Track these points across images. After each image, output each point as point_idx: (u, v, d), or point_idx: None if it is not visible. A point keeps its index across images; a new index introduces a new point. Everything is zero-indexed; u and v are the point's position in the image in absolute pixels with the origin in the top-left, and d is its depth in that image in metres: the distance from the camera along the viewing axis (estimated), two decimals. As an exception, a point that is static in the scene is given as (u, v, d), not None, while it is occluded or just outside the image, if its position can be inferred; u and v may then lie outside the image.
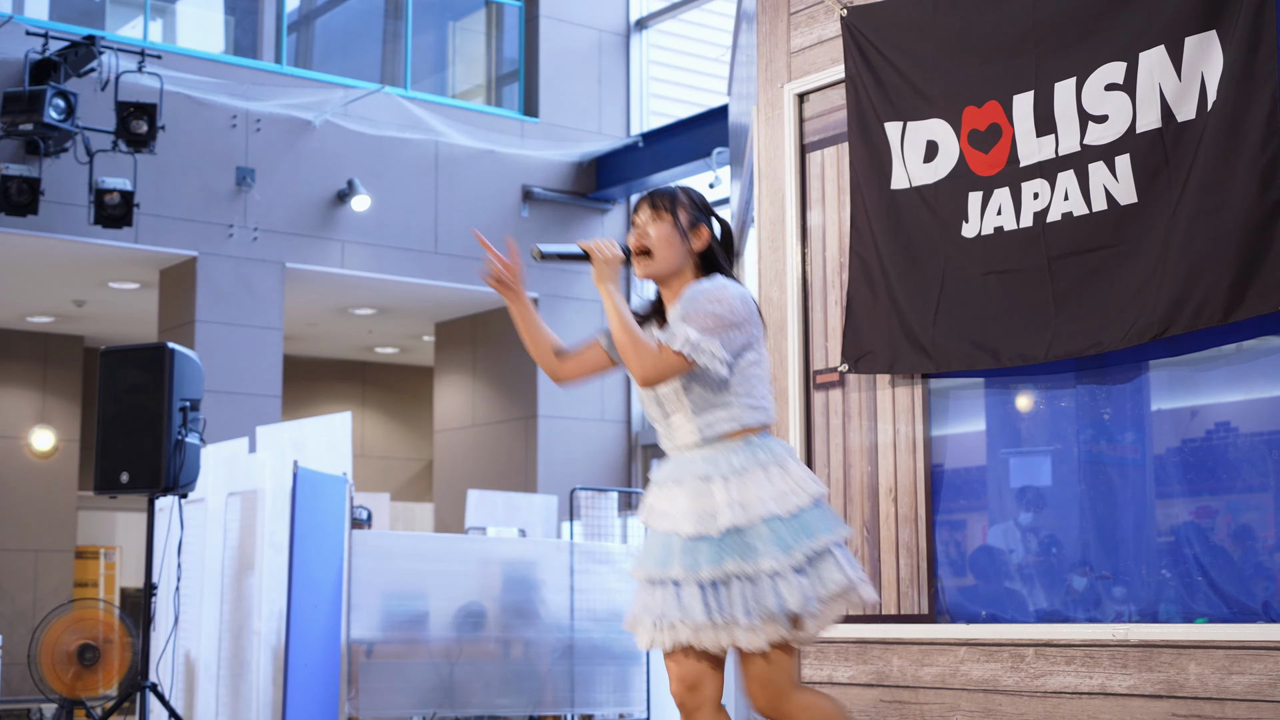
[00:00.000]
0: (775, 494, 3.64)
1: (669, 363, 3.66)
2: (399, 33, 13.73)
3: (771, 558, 3.57)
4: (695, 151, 13.02)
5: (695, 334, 3.65)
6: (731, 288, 3.75)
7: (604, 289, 3.78)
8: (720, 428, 3.72)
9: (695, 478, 3.70)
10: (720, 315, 3.68)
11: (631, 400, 14.15)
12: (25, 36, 11.02)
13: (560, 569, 9.33)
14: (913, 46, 4.62)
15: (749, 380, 3.75)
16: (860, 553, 4.71)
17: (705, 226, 3.88)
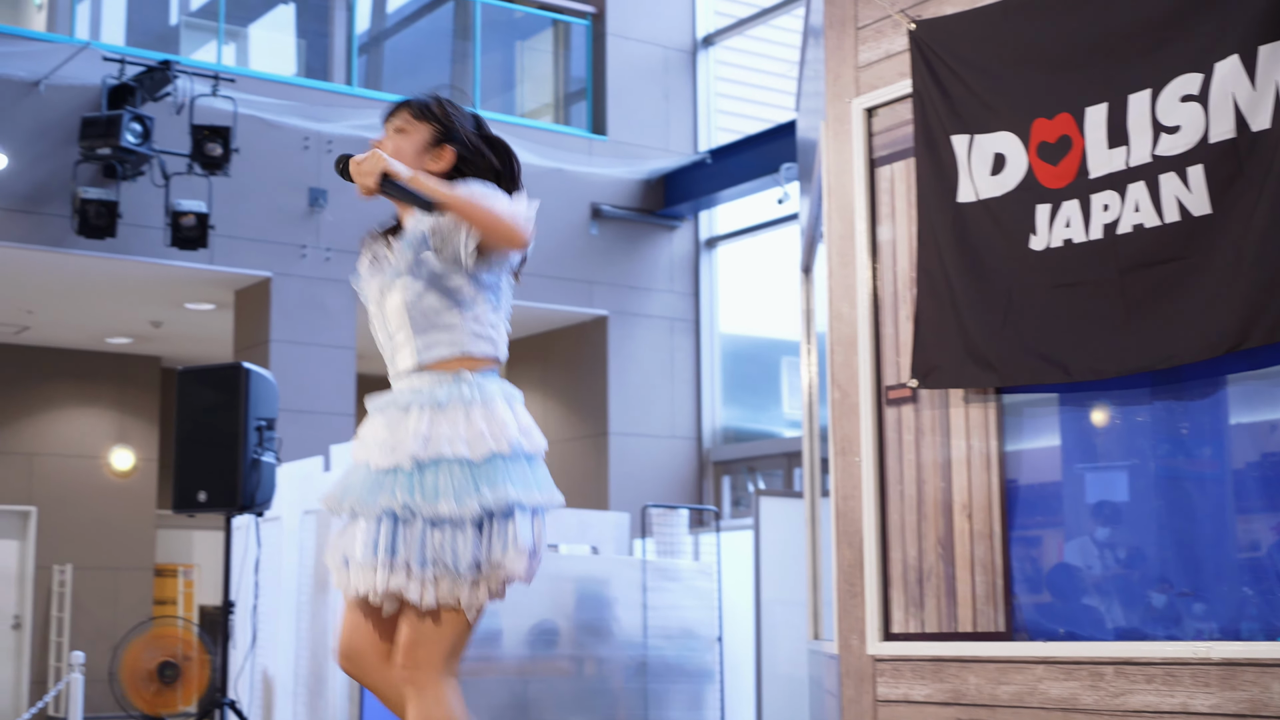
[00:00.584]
0: (470, 435, 3.35)
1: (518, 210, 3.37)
2: (467, 53, 13.81)
3: (449, 503, 3.28)
4: (763, 167, 13.01)
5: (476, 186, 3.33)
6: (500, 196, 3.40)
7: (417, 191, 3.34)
8: (438, 351, 3.43)
9: (396, 407, 3.42)
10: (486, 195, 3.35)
11: (702, 417, 14.13)
12: (102, 62, 11.18)
13: (632, 586, 9.33)
14: (981, 59, 4.60)
15: (481, 305, 3.48)
16: (936, 570, 4.68)
17: (451, 147, 3.51)
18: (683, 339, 14.10)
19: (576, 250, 13.53)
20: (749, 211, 14.09)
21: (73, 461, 15.51)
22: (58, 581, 15.24)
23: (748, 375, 14.69)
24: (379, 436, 3.42)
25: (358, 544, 3.34)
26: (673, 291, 14.11)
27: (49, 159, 11.25)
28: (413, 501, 3.29)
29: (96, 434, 15.71)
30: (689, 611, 9.37)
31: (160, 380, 16.06)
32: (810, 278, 6.86)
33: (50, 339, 15.14)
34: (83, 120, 10.96)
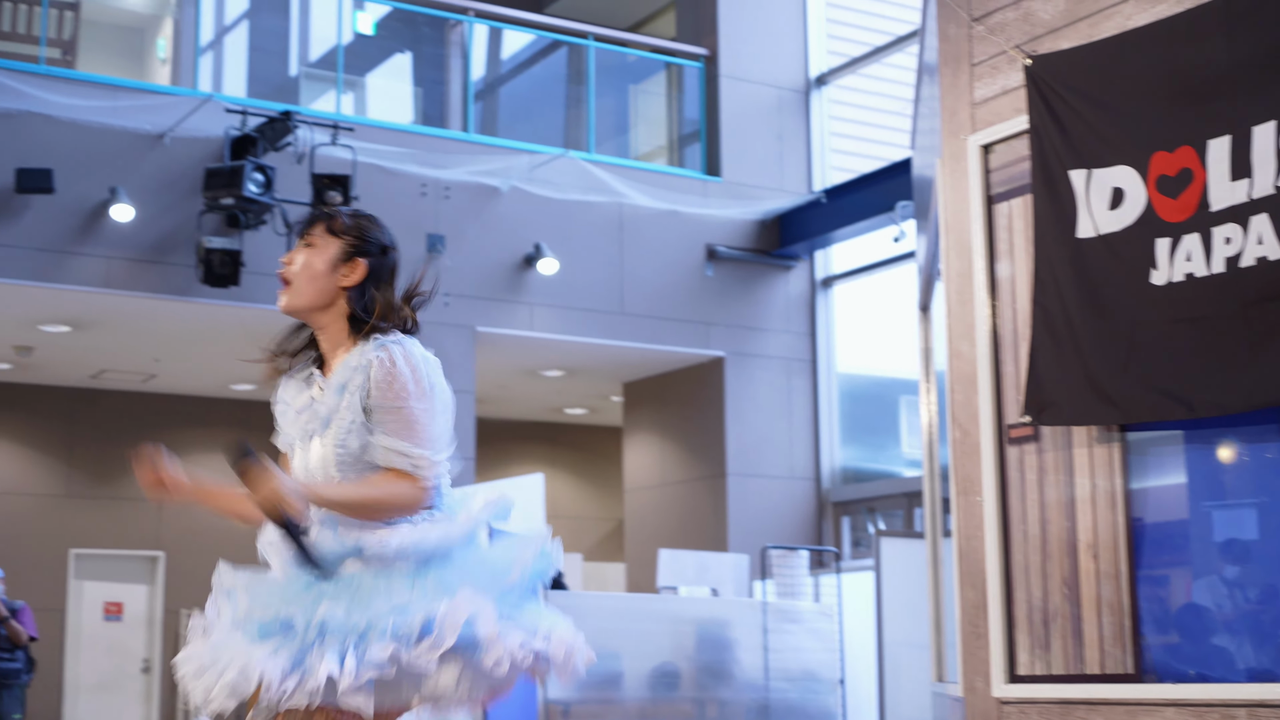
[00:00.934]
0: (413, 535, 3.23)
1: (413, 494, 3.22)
2: (581, 98, 13.92)
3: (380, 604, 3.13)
4: (878, 206, 12.95)
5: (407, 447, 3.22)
6: (415, 359, 3.27)
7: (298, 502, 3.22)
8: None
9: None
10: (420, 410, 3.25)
11: (821, 457, 14.06)
12: (225, 114, 11.41)
13: (753, 628, 9.28)
14: (1098, 93, 4.55)
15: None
16: (1061, 610, 4.61)
17: (364, 261, 3.41)
18: (800, 379, 14.05)
19: (692, 292, 13.55)
20: (865, 250, 14.03)
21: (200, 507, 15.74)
22: (185, 625, 15.45)
23: (866, 415, 14.60)
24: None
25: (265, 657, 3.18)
26: (789, 331, 14.08)
27: (174, 210, 11.49)
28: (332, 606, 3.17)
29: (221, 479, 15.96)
30: (810, 654, 9.31)
31: (283, 426, 16.28)
32: (928, 316, 6.81)
33: (176, 386, 15.43)
34: (206, 171, 11.19)
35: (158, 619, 15.47)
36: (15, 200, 10.95)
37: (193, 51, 12.33)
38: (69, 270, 11.17)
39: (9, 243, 10.94)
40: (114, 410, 15.48)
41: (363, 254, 3.42)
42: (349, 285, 3.39)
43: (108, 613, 15.39)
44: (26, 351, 13.54)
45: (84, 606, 15.28)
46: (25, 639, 10.87)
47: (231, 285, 11.22)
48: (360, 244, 3.42)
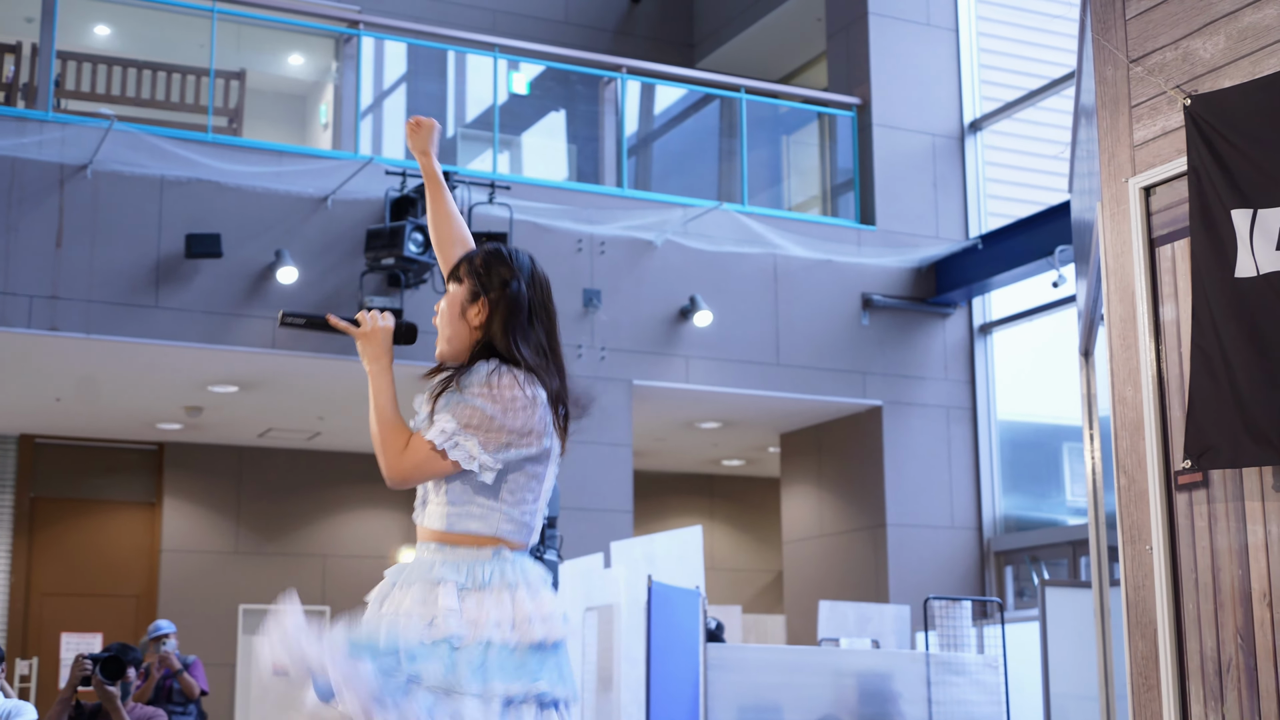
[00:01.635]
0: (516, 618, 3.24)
1: (416, 459, 3.26)
2: (734, 150, 13.99)
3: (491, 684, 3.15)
4: (1036, 250, 12.81)
5: (451, 425, 3.25)
6: (519, 386, 3.32)
7: (366, 367, 3.45)
8: (470, 525, 3.31)
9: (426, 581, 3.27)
10: (489, 414, 3.27)
11: (982, 506, 13.89)
12: (384, 176, 11.65)
13: (916, 681, 9.17)
14: (1263, 132, 4.47)
15: (520, 493, 3.35)
16: (1235, 661, 4.50)
17: (488, 300, 3.44)
18: (960, 427, 13.90)
19: (848, 341, 13.50)
20: (1023, 295, 13.87)
21: (363, 562, 16.01)
22: (351, 679, 15.67)
23: (1028, 462, 14.39)
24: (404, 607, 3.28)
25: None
26: (948, 379, 13.95)
27: (337, 271, 11.74)
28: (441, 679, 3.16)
29: (386, 534, 16.20)
30: (976, 706, 9.16)
31: (444, 481, 16.49)
32: (1090, 361, 6.72)
33: (339, 444, 15.72)
34: (368, 232, 11.43)
35: (324, 673, 15.69)
36: (185, 265, 11.27)
37: (353, 116, 12.62)
38: (236, 332, 11.46)
39: (180, 306, 11.26)
40: (280, 468, 15.81)
41: (485, 291, 3.45)
42: (478, 325, 3.45)
43: (276, 667, 15.65)
44: (196, 412, 13.90)
45: (253, 661, 15.58)
46: (197, 693, 11.11)
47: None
48: (483, 282, 3.46)
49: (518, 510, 3.35)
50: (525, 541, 3.38)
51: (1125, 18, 5.07)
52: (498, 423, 3.27)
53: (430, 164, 3.74)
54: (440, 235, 3.77)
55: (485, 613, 3.22)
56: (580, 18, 16.65)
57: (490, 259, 3.49)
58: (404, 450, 3.29)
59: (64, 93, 12.35)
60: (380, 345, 3.44)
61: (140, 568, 15.43)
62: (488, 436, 3.26)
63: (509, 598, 3.26)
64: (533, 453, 3.35)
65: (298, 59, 14.29)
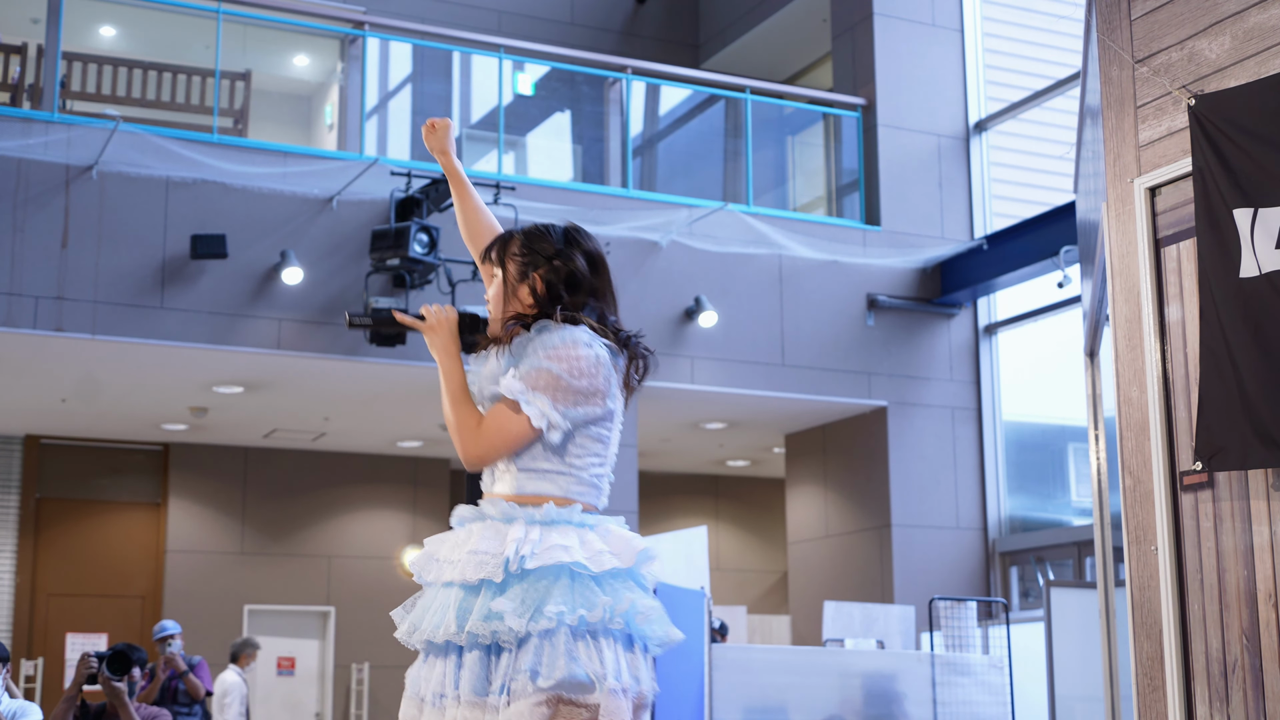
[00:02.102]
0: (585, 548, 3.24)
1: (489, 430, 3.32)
2: (739, 151, 13.99)
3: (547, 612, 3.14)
4: (1041, 251, 12.80)
5: (520, 386, 3.29)
6: (583, 346, 3.34)
7: (435, 356, 3.47)
8: (540, 486, 3.34)
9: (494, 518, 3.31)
10: (556, 374, 3.29)
11: (987, 507, 13.88)
12: (390, 177, 11.66)
13: (922, 681, 9.17)
14: (1267, 131, 4.47)
15: (586, 456, 3.36)
16: (1241, 662, 4.50)
17: (539, 275, 3.45)
18: (964, 428, 13.90)
19: (853, 342, 13.50)
20: (1029, 296, 13.86)
21: (368, 562, 16.02)
22: (355, 679, 15.71)
23: (1033, 463, 14.39)
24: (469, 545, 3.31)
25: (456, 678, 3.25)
26: (953, 380, 13.94)
27: (342, 272, 11.75)
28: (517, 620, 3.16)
29: (390, 535, 16.21)
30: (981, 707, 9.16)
31: (450, 481, 16.51)
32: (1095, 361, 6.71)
33: (345, 444, 15.73)
34: (373, 233, 11.43)
35: (329, 673, 15.72)
36: (190, 266, 11.29)
37: (358, 117, 12.63)
38: (241, 333, 11.47)
39: (185, 307, 11.27)
40: (285, 468, 15.83)
41: (535, 268, 3.47)
42: (532, 303, 3.46)
43: (280, 667, 15.69)
44: (201, 413, 13.92)
45: (258, 661, 15.59)
46: (202, 693, 11.12)
47: (398, 345, 11.43)
48: (530, 259, 3.47)
49: (586, 472, 3.37)
50: (596, 503, 3.39)
51: (1131, 18, 5.07)
52: (564, 382, 3.29)
53: (451, 163, 3.79)
54: (472, 231, 3.81)
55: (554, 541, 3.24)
56: (585, 18, 16.66)
57: (530, 236, 3.52)
58: (476, 428, 3.35)
59: (70, 94, 12.37)
60: (449, 336, 3.47)
61: (145, 568, 15.45)
62: (556, 395, 3.28)
63: (576, 535, 3.27)
64: (598, 413, 3.37)
65: (303, 60, 14.30)
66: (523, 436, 3.32)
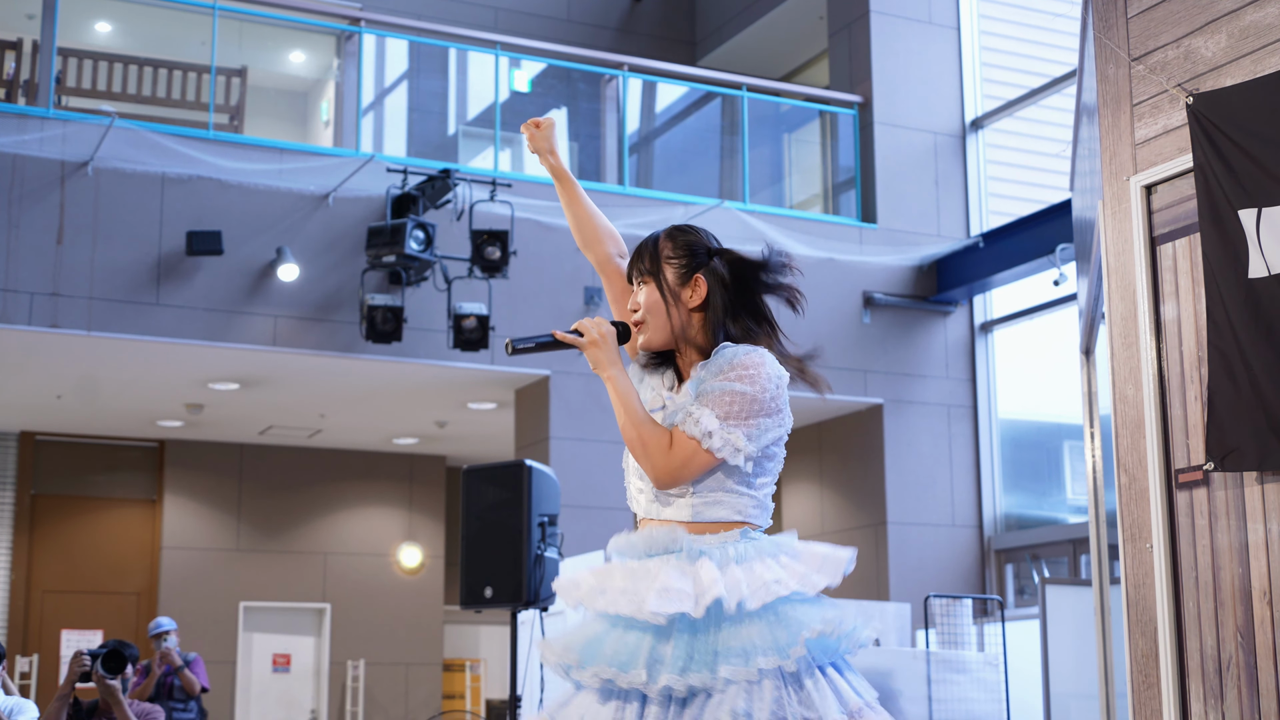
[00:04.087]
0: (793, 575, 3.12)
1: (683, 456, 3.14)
2: (735, 148, 13.98)
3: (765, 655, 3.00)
4: (1037, 249, 12.80)
5: (713, 422, 3.15)
6: (769, 363, 3.26)
7: (602, 375, 3.29)
8: (718, 513, 3.21)
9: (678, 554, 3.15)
10: (749, 396, 3.19)
11: (983, 504, 13.88)
12: (386, 173, 11.65)
13: (917, 679, 9.17)
14: (1266, 130, 4.47)
15: (764, 476, 3.25)
16: (1235, 659, 4.50)
17: (703, 276, 3.36)
18: (960, 425, 13.90)
19: (849, 339, 13.49)
20: (1025, 294, 13.87)
21: (364, 560, 16.02)
22: (351, 676, 15.71)
23: (1029, 461, 14.39)
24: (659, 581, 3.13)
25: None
26: (949, 378, 13.95)
27: (338, 268, 11.74)
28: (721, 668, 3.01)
29: (386, 532, 16.20)
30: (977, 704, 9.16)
31: (445, 479, 16.51)
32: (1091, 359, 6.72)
33: (341, 441, 15.72)
34: (369, 230, 11.42)
35: (324, 670, 15.72)
36: (186, 263, 11.27)
37: (354, 113, 12.62)
38: (237, 329, 11.46)
39: (180, 304, 11.26)
40: (281, 465, 15.82)
41: (697, 269, 3.37)
42: (697, 305, 3.36)
43: (276, 664, 15.69)
44: (197, 409, 13.91)
45: (253, 658, 15.60)
46: (198, 690, 11.11)
47: (394, 341, 11.43)
48: (690, 260, 3.38)
49: (762, 492, 3.27)
50: (766, 522, 3.29)
51: (1127, 16, 5.07)
52: (756, 405, 3.19)
53: (558, 163, 3.59)
54: (587, 234, 3.62)
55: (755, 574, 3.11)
56: (582, 15, 16.65)
57: (683, 235, 3.42)
58: (669, 449, 3.18)
59: (65, 90, 12.35)
60: (611, 350, 3.32)
61: (141, 565, 15.44)
62: (749, 424, 3.17)
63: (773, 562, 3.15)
64: (783, 431, 3.28)
65: (299, 56, 14.29)
66: (710, 465, 3.20)
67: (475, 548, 7.61)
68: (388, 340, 11.39)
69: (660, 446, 3.17)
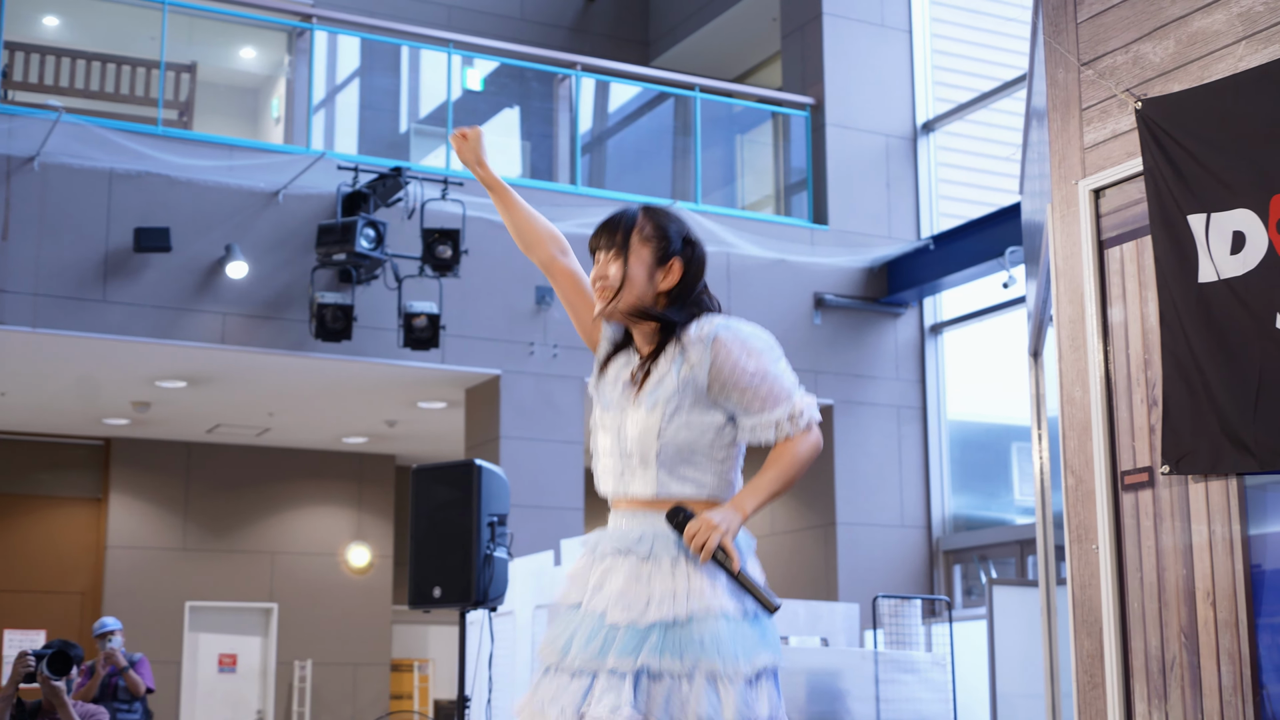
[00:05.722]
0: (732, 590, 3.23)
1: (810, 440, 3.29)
2: (688, 149, 14.00)
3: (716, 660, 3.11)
4: (987, 251, 12.87)
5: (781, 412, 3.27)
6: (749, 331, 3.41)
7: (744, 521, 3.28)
8: (683, 489, 3.27)
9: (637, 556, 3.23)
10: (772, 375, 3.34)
11: (932, 505, 13.94)
12: (337, 171, 11.60)
13: (865, 679, 9.20)
14: (1214, 136, 4.50)
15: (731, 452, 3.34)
16: (1179, 660, 4.54)
17: (678, 260, 3.43)
18: (910, 427, 13.96)
19: (800, 340, 13.53)
20: (974, 296, 13.94)
21: (312, 559, 15.94)
22: (298, 676, 15.63)
23: (977, 462, 14.47)
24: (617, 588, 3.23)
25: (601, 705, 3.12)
26: (899, 379, 14.00)
27: (288, 266, 11.68)
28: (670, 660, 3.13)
29: (334, 532, 16.13)
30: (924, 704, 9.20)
31: (395, 478, 16.45)
32: (1039, 362, 6.75)
33: (290, 440, 15.64)
34: (319, 228, 11.37)
35: (271, 670, 15.64)
36: (134, 259, 11.19)
37: (305, 110, 12.56)
38: (185, 327, 11.38)
39: (128, 301, 11.18)
40: (229, 464, 15.72)
41: (675, 252, 3.44)
42: (668, 288, 3.43)
43: (222, 664, 15.60)
44: (144, 407, 13.80)
45: (199, 658, 15.50)
46: (143, 690, 11.03)
47: (344, 339, 11.38)
48: (669, 243, 3.43)
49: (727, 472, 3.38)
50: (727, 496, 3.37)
51: (1077, 21, 5.10)
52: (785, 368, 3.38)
53: (488, 174, 3.61)
54: (528, 238, 3.68)
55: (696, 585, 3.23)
56: (535, 14, 16.63)
57: (663, 216, 3.47)
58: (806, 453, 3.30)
59: (12, 84, 12.24)
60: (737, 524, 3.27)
61: (86, 564, 15.31)
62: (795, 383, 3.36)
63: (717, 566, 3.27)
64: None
65: (250, 52, 14.21)
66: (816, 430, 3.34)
67: (424, 547, 7.59)
68: (338, 339, 11.35)
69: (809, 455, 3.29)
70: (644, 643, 3.14)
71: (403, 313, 11.49)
